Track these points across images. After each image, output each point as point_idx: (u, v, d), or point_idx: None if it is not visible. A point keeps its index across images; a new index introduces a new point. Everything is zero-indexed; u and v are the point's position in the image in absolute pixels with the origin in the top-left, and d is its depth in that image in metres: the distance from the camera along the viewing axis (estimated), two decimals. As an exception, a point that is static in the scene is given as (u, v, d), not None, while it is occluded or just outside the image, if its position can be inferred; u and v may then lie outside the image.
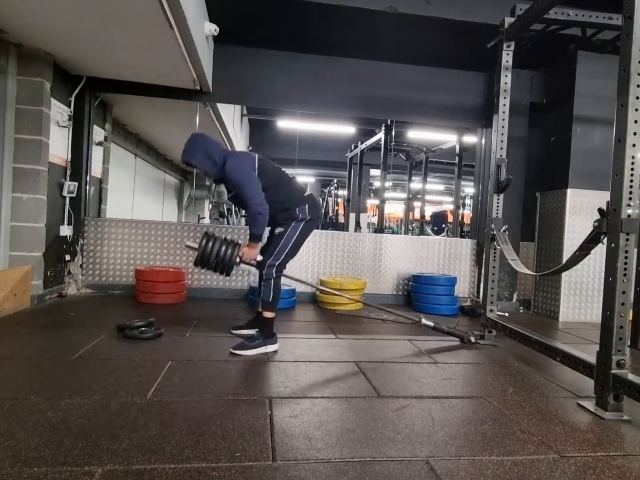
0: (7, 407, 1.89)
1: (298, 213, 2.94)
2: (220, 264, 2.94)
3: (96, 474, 1.44)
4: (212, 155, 2.89)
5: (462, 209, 10.19)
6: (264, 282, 2.93)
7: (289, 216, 2.95)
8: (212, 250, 2.92)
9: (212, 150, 2.91)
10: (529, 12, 3.18)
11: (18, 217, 3.90)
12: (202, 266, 3.00)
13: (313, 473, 1.52)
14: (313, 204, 3.04)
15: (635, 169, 2.15)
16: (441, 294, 4.80)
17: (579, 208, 4.73)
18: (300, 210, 2.95)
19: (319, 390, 2.31)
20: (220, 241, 2.96)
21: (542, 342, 2.83)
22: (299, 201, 2.98)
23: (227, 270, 2.98)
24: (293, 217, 2.95)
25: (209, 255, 2.92)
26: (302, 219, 2.95)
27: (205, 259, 2.93)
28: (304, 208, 2.96)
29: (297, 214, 2.94)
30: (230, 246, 2.96)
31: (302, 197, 3.03)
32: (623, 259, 2.15)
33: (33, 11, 3.11)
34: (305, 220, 2.97)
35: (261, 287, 2.98)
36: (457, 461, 1.65)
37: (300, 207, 2.96)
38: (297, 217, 2.94)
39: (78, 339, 2.96)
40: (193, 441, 1.68)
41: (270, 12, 4.28)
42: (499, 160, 3.50)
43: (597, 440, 1.90)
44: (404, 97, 5.17)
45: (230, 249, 2.94)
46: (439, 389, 2.43)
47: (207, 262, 2.94)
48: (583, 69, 4.72)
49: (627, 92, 2.14)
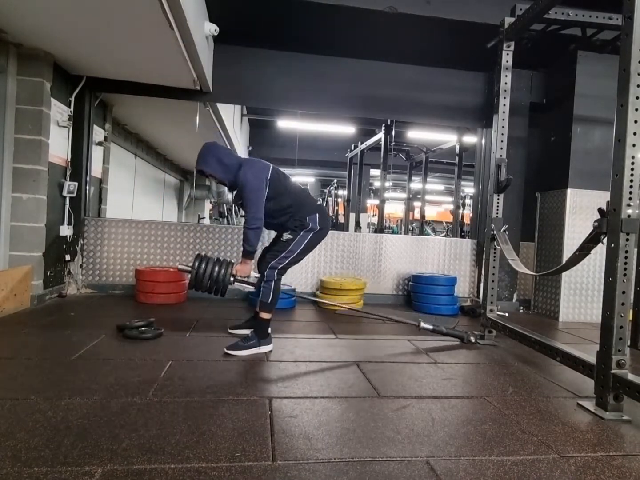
0: (7, 407, 1.90)
1: (309, 222, 2.97)
2: (214, 285, 2.97)
3: (96, 474, 1.44)
4: (225, 163, 2.93)
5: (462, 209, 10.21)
6: (264, 283, 2.94)
7: (300, 224, 2.97)
8: (205, 271, 2.94)
9: (225, 157, 2.95)
10: (529, 12, 3.18)
11: (18, 217, 3.90)
12: (197, 288, 3.01)
13: (313, 473, 1.52)
14: (323, 214, 3.08)
15: (635, 169, 2.15)
16: (441, 294, 4.80)
17: (579, 208, 4.73)
18: (311, 220, 2.98)
19: (318, 390, 2.31)
20: (212, 262, 2.99)
21: (542, 342, 2.83)
22: (310, 210, 3.01)
23: (222, 291, 3.01)
24: (303, 226, 2.97)
25: (202, 277, 2.94)
26: (311, 229, 2.98)
27: (199, 280, 2.96)
28: (314, 217, 2.99)
29: (307, 222, 2.97)
30: (223, 266, 2.98)
31: (314, 207, 3.07)
32: (623, 259, 2.15)
33: (33, 11, 3.12)
34: (315, 230, 2.99)
35: (260, 287, 2.98)
36: (457, 461, 1.65)
37: (311, 217, 2.99)
38: (307, 227, 2.97)
39: (78, 339, 2.97)
40: (193, 441, 1.68)
41: (270, 12, 4.28)
42: (499, 160, 3.50)
43: (597, 440, 1.90)
44: (404, 97, 5.17)
45: (224, 269, 2.97)
46: (439, 389, 2.43)
47: (201, 284, 2.97)
48: (583, 68, 4.72)
49: (627, 92, 2.14)
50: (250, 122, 11.58)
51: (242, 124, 10.18)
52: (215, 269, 2.94)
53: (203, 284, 2.96)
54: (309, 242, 2.99)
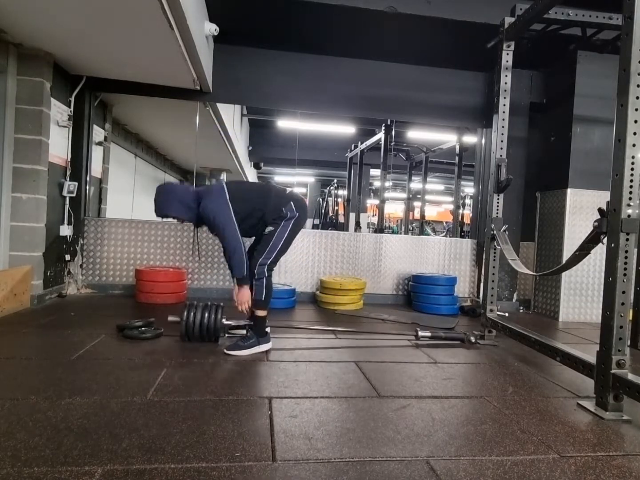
0: (7, 406, 1.90)
1: (286, 212, 2.95)
2: (206, 333, 3.01)
3: (96, 474, 1.44)
4: (186, 201, 2.88)
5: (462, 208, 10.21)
6: (256, 281, 2.93)
7: (278, 216, 2.96)
8: (195, 321, 2.97)
9: (184, 196, 2.90)
10: (529, 12, 3.18)
11: (18, 217, 3.90)
12: (190, 339, 3.03)
13: (313, 473, 1.52)
14: (297, 200, 3.05)
15: (635, 169, 2.15)
16: (441, 293, 4.80)
17: (579, 208, 4.73)
18: (287, 209, 2.96)
19: (318, 390, 2.31)
20: (201, 309, 3.01)
21: (542, 342, 2.83)
22: (283, 202, 2.99)
23: (215, 336, 3.04)
24: (282, 217, 2.96)
25: (192, 327, 2.97)
26: (290, 217, 2.96)
27: (189, 331, 2.99)
28: (290, 206, 2.97)
29: (285, 212, 2.95)
30: (213, 311, 3.01)
31: (285, 196, 3.03)
32: (623, 259, 2.16)
33: (33, 11, 3.12)
34: (295, 217, 2.98)
35: (253, 286, 2.99)
36: (457, 461, 1.65)
37: (287, 206, 2.97)
38: (285, 216, 2.95)
39: (78, 339, 2.97)
40: (193, 441, 1.69)
41: (270, 12, 4.28)
42: (499, 160, 3.50)
43: (597, 440, 1.90)
44: (404, 97, 5.17)
45: (214, 314, 3.00)
46: (439, 388, 2.43)
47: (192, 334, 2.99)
48: (583, 68, 4.72)
49: (627, 91, 2.14)
50: (250, 122, 11.58)
51: (242, 124, 10.18)
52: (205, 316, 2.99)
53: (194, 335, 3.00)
54: (291, 230, 2.97)
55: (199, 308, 3.02)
